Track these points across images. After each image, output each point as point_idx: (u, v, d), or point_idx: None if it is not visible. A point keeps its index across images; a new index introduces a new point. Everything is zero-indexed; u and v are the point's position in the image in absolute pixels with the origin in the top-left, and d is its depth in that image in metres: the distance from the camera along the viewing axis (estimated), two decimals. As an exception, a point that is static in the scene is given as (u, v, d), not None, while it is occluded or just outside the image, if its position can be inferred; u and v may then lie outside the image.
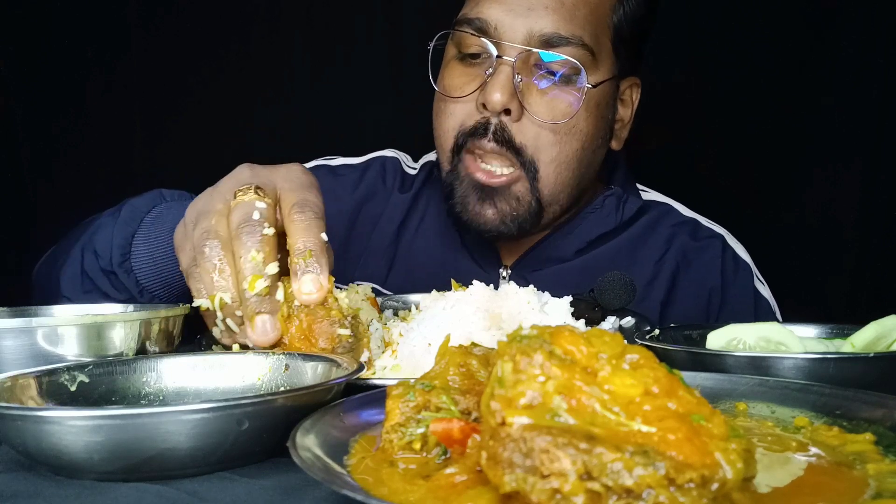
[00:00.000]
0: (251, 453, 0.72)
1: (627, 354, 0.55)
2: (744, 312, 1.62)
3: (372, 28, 2.34)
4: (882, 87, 2.03)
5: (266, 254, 0.97)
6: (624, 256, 1.63)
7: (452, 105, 1.51)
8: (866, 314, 1.03)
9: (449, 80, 1.53)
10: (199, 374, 0.89)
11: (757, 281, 1.68)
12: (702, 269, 1.66)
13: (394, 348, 1.06)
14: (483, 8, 1.47)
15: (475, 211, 1.50)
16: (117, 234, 1.25)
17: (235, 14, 2.35)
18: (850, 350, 0.98)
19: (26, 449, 0.69)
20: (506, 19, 1.44)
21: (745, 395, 0.79)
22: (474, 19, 1.47)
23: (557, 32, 1.43)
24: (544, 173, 1.49)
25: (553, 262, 1.63)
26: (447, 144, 1.53)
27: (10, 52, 2.25)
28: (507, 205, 1.50)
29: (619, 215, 1.64)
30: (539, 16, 1.43)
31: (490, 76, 1.44)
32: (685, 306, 1.62)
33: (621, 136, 1.65)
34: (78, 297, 1.29)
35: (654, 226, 1.69)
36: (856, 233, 2.09)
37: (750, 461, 0.54)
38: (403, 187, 1.77)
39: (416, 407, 0.65)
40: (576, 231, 1.63)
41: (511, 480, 0.49)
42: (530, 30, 1.43)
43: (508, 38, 1.44)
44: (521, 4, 1.44)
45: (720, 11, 2.16)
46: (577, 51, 1.45)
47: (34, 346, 0.90)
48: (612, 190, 1.65)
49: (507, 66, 1.43)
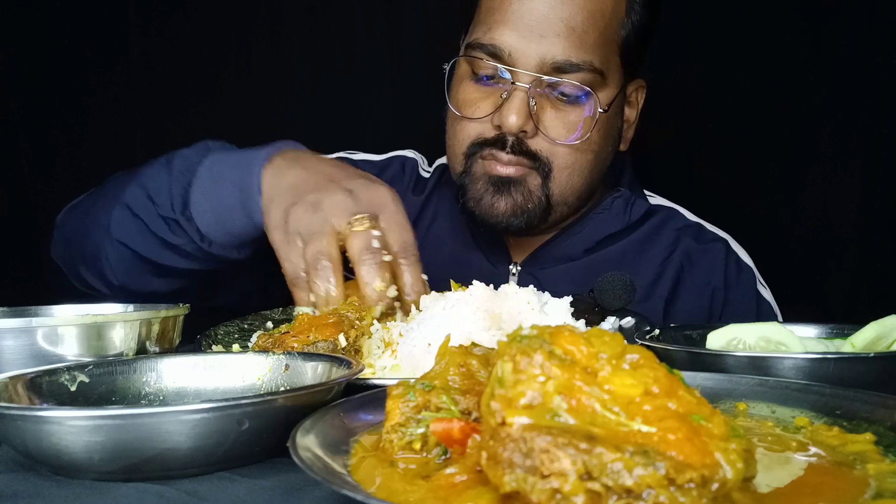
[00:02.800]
0: (251, 453, 0.72)
1: (627, 354, 0.55)
2: (746, 316, 1.64)
3: (372, 28, 2.34)
4: (881, 87, 2.03)
5: (387, 281, 1.18)
6: (631, 256, 1.67)
7: (467, 122, 1.56)
8: (866, 314, 1.03)
9: (464, 98, 1.57)
10: (199, 374, 0.89)
11: (759, 285, 1.70)
12: (705, 269, 1.69)
13: (394, 348, 1.06)
14: (496, 34, 1.50)
15: (488, 203, 1.54)
16: (175, 184, 1.34)
17: (236, 14, 2.35)
18: (850, 350, 0.98)
19: (26, 449, 0.69)
20: (519, 45, 1.48)
21: (745, 395, 0.79)
22: (487, 45, 1.50)
23: (569, 60, 1.47)
24: (557, 176, 1.54)
25: (562, 260, 1.67)
26: (461, 151, 1.58)
27: (10, 52, 2.25)
28: (520, 195, 1.54)
29: (626, 217, 1.68)
30: (551, 43, 1.47)
31: (505, 100, 1.49)
32: (689, 305, 1.65)
33: (627, 137, 1.69)
34: (130, 238, 1.38)
35: (660, 228, 1.72)
36: (856, 233, 2.09)
37: (750, 461, 0.54)
38: (416, 189, 1.82)
39: (416, 407, 0.65)
40: (584, 231, 1.67)
41: (511, 480, 0.49)
42: (543, 57, 1.47)
43: (522, 64, 1.48)
44: (534, 31, 1.47)
45: (720, 11, 2.16)
46: (588, 76, 1.49)
47: (34, 346, 0.90)
48: (621, 192, 1.68)
49: (521, 92, 1.48)
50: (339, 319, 1.04)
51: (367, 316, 1.09)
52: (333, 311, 1.09)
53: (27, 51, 2.28)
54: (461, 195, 1.59)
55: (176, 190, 1.34)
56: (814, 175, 2.13)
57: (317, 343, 1.00)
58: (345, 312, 1.08)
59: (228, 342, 1.18)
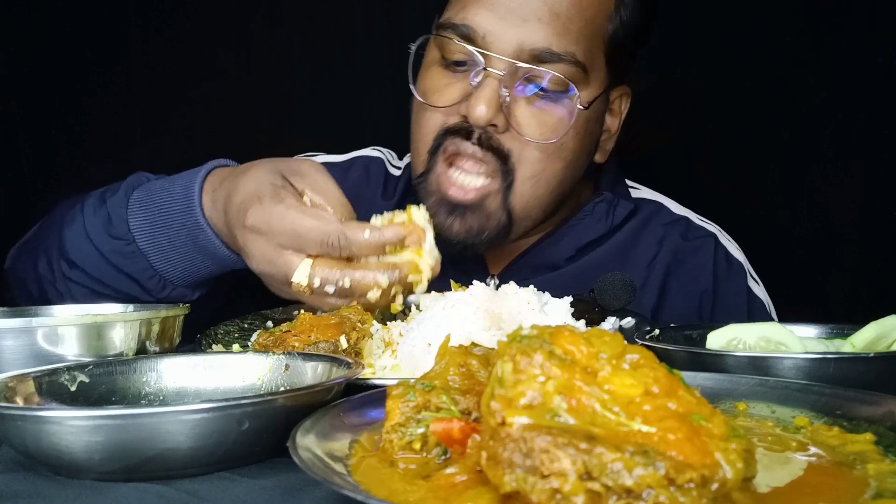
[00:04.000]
0: (251, 453, 0.72)
1: (627, 354, 0.55)
2: (737, 313, 1.58)
3: (372, 28, 2.34)
4: (881, 87, 2.03)
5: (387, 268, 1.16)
6: (615, 260, 1.57)
7: (432, 112, 1.42)
8: (866, 314, 1.03)
9: (431, 85, 1.44)
10: (199, 374, 0.90)
11: (751, 280, 1.63)
12: (693, 270, 1.60)
13: (394, 348, 1.06)
14: (470, 14, 1.36)
15: (443, 223, 1.41)
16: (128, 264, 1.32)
17: (236, 14, 2.35)
18: (850, 350, 0.98)
19: (26, 449, 0.69)
20: (495, 29, 1.34)
21: (745, 395, 0.79)
22: (460, 25, 1.36)
23: (549, 48, 1.34)
24: (520, 189, 1.41)
25: (542, 270, 1.56)
26: (424, 148, 1.45)
27: (10, 52, 2.25)
28: (475, 222, 1.42)
29: (609, 220, 1.58)
30: (532, 28, 1.34)
31: (476, 88, 1.35)
32: (676, 311, 1.57)
33: (606, 149, 1.58)
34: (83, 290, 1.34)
35: (644, 226, 1.63)
36: (856, 233, 2.09)
37: (750, 461, 0.54)
38: (386, 192, 1.69)
39: (416, 407, 0.65)
40: (565, 238, 1.57)
41: (511, 480, 0.49)
42: (521, 43, 1.34)
43: (497, 49, 1.34)
44: (514, 13, 1.34)
45: (720, 12, 2.16)
46: (569, 68, 1.36)
47: (34, 346, 0.90)
48: (603, 196, 1.58)
49: (493, 80, 1.34)
50: (341, 321, 1.05)
51: (368, 319, 1.09)
52: (336, 313, 1.09)
53: (27, 51, 2.28)
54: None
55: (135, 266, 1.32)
56: (814, 176, 2.13)
57: (318, 343, 1.00)
58: (347, 314, 1.08)
59: (228, 342, 1.18)
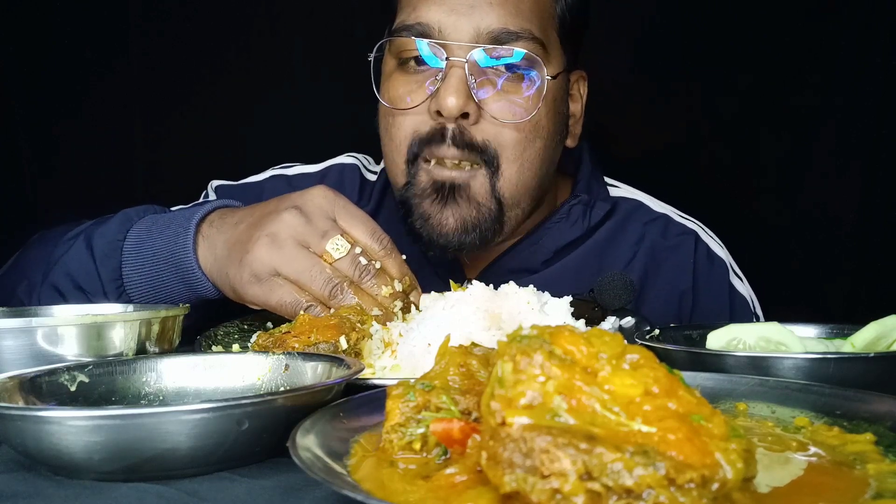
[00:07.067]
0: (251, 453, 0.72)
1: (627, 354, 0.55)
2: (718, 311, 1.55)
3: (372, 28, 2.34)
4: (881, 87, 2.03)
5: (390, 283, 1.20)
6: (592, 262, 1.55)
7: (401, 117, 1.42)
8: (866, 314, 1.03)
9: (395, 92, 1.43)
10: (199, 374, 0.89)
11: (734, 276, 1.60)
12: (672, 270, 1.58)
13: (394, 348, 1.06)
14: (422, 12, 1.38)
15: (436, 221, 1.41)
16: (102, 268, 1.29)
17: (236, 14, 2.35)
18: (850, 350, 0.98)
19: (26, 449, 0.69)
20: (448, 20, 1.36)
21: (745, 395, 0.79)
22: (415, 25, 1.38)
23: (506, 28, 1.36)
24: (507, 173, 1.40)
25: (519, 273, 1.53)
26: (400, 158, 1.43)
27: (10, 52, 2.25)
28: (467, 210, 1.40)
29: (586, 222, 1.56)
30: (484, 12, 1.36)
31: (441, 81, 1.35)
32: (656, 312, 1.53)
33: (575, 133, 1.57)
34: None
35: (623, 225, 1.61)
36: (856, 233, 2.09)
37: (750, 461, 0.54)
38: (362, 199, 1.69)
39: (416, 407, 0.65)
40: (542, 241, 1.55)
41: (511, 480, 0.49)
42: (477, 27, 1.36)
43: (455, 38, 1.36)
44: (464, 3, 1.36)
45: (719, 12, 2.16)
46: (529, 44, 1.37)
47: (34, 346, 0.90)
48: (579, 197, 1.57)
49: (458, 69, 1.34)
50: (341, 322, 1.04)
51: (368, 320, 1.09)
52: (336, 314, 1.09)
53: (27, 51, 2.28)
54: (406, 215, 1.44)
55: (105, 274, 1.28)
56: (814, 176, 2.13)
57: (318, 344, 1.00)
58: (347, 315, 1.08)
59: (228, 342, 1.18)
